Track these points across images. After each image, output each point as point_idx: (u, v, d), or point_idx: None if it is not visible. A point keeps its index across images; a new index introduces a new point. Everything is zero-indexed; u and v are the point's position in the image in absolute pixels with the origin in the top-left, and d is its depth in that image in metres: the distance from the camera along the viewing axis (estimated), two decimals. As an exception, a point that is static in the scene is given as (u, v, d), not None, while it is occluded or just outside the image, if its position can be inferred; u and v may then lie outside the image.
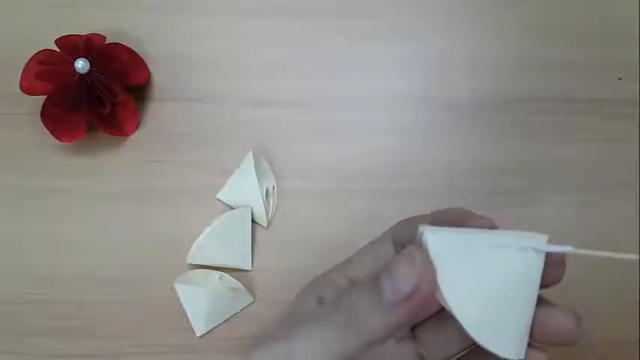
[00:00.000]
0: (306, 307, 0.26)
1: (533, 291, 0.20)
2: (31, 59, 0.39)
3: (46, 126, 0.38)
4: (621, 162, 0.41)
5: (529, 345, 0.21)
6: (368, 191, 0.40)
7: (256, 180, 0.38)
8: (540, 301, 0.21)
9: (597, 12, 0.43)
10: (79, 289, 0.38)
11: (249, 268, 0.39)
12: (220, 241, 0.38)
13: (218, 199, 0.39)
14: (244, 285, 0.38)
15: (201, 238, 0.38)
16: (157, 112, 0.41)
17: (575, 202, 0.40)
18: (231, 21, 0.43)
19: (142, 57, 0.41)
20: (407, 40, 0.43)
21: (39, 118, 0.38)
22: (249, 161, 0.39)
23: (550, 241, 0.21)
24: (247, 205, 0.39)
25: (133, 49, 0.41)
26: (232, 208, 0.39)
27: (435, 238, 0.20)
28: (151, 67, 0.41)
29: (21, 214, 0.40)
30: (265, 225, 0.39)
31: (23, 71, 0.39)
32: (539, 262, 0.20)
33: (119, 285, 0.38)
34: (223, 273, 0.38)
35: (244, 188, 0.39)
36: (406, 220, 0.26)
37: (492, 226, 0.22)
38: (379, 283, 0.20)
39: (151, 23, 0.42)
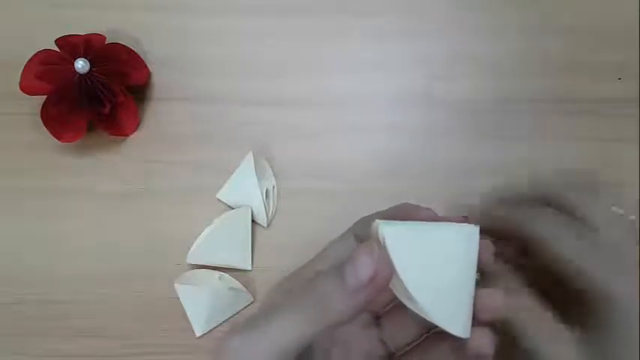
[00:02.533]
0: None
1: (473, 273, 0.23)
2: (31, 59, 0.39)
3: (46, 126, 0.38)
4: (621, 162, 0.41)
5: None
6: (369, 191, 0.40)
7: (256, 180, 0.38)
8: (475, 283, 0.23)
9: (597, 12, 0.43)
10: (79, 289, 0.38)
11: (249, 268, 0.39)
12: (220, 241, 0.38)
13: (218, 199, 0.39)
14: (244, 285, 0.38)
15: (201, 238, 0.38)
16: (157, 112, 0.41)
17: (575, 202, 0.40)
18: (231, 21, 0.43)
19: (142, 57, 0.41)
20: (408, 39, 0.43)
21: (39, 118, 0.38)
22: (249, 161, 0.39)
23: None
24: (247, 205, 0.39)
25: (133, 49, 0.41)
26: (232, 208, 0.39)
27: (389, 231, 0.22)
28: (151, 67, 0.42)
29: (21, 214, 0.40)
30: (265, 225, 0.39)
31: (23, 71, 0.39)
32: (475, 247, 0.23)
33: (119, 285, 0.38)
34: (223, 273, 0.38)
35: (244, 188, 0.39)
36: (366, 217, 0.28)
37: (435, 217, 0.25)
38: (343, 271, 0.22)
39: (151, 23, 0.42)
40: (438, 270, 0.22)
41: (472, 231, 0.23)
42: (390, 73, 0.42)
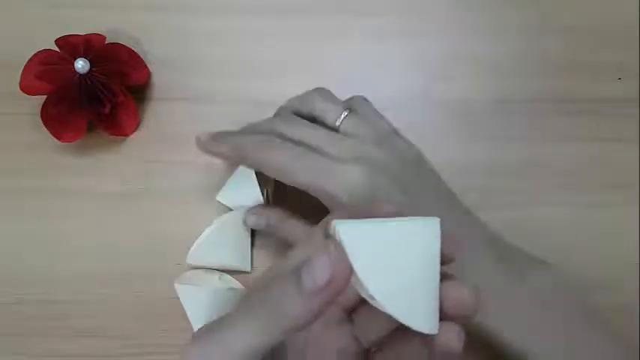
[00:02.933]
0: None
1: (436, 268, 0.22)
2: (31, 59, 0.39)
3: (46, 126, 0.38)
4: (621, 162, 0.41)
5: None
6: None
7: (256, 181, 0.38)
8: (442, 278, 0.23)
9: (597, 12, 0.43)
10: (79, 289, 0.38)
11: (249, 270, 0.38)
12: (220, 242, 0.38)
13: (218, 201, 0.39)
14: (244, 285, 0.38)
15: (201, 238, 0.38)
16: (157, 112, 0.41)
17: (576, 202, 0.40)
18: (231, 21, 0.43)
19: (142, 57, 0.41)
20: (408, 39, 0.43)
21: (39, 118, 0.38)
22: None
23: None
24: (247, 207, 0.39)
25: (133, 49, 0.41)
26: (232, 210, 0.39)
27: (345, 229, 0.22)
28: (151, 67, 0.42)
29: (21, 214, 0.40)
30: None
31: (23, 71, 0.39)
32: (437, 241, 0.23)
33: (119, 285, 0.38)
34: (223, 273, 0.38)
35: (244, 189, 0.39)
36: (334, 216, 0.28)
37: (398, 213, 0.24)
38: (299, 275, 0.21)
39: (151, 23, 0.42)
40: (398, 266, 0.22)
41: (433, 223, 0.23)
42: (390, 73, 0.42)
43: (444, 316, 0.23)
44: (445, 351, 0.23)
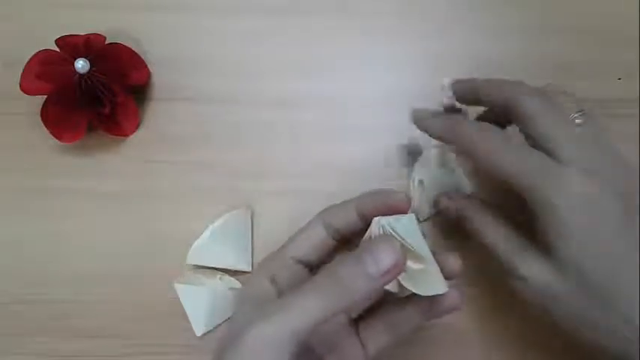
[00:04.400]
0: (262, 286, 0.30)
1: (426, 246, 0.28)
2: (31, 59, 0.39)
3: (46, 126, 0.38)
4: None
5: None
6: (368, 191, 0.40)
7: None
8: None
9: (597, 12, 0.43)
10: (79, 289, 0.38)
11: (249, 270, 0.38)
12: (220, 242, 0.38)
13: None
14: (244, 285, 0.38)
15: (201, 238, 0.38)
16: (157, 112, 0.41)
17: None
18: (231, 21, 0.43)
19: (142, 57, 0.41)
20: (408, 39, 0.43)
21: (39, 118, 0.38)
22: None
23: None
24: (248, 206, 0.39)
25: (133, 49, 0.41)
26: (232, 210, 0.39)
27: (393, 226, 0.27)
28: (151, 67, 0.42)
29: (21, 214, 0.40)
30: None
31: (23, 71, 0.39)
32: (418, 228, 0.29)
33: (119, 285, 0.38)
34: (223, 273, 0.38)
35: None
36: (332, 206, 0.32)
37: (408, 200, 0.29)
38: (361, 259, 0.25)
39: (151, 23, 0.42)
40: (417, 249, 0.27)
41: (413, 217, 0.29)
42: (391, 73, 0.42)
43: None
44: (449, 310, 0.28)
